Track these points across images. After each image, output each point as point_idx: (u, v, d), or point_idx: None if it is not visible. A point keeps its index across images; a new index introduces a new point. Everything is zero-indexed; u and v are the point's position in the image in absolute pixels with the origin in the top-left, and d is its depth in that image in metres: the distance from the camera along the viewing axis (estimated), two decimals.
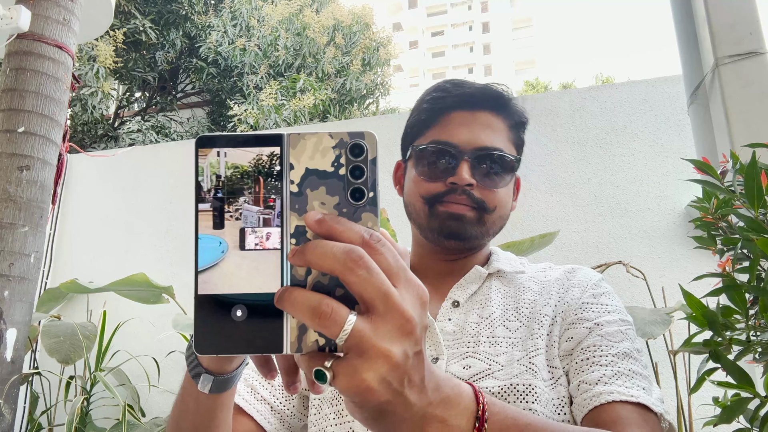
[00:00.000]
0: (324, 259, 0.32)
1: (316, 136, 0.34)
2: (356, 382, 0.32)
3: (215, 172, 0.35)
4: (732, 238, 0.78)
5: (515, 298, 0.76)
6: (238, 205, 0.34)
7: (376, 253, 0.33)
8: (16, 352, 1.86)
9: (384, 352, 0.32)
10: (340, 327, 0.32)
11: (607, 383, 0.61)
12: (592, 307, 0.72)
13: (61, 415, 2.45)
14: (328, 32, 6.60)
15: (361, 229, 0.34)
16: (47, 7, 2.03)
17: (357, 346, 0.32)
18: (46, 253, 2.88)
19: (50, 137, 2.00)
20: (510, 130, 0.80)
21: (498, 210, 0.77)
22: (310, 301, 0.32)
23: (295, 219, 0.34)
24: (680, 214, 2.15)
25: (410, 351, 0.34)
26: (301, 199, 0.34)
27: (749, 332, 0.72)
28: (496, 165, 0.76)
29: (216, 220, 0.34)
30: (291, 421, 0.75)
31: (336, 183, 0.34)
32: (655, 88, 2.32)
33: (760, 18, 1.40)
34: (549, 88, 18.12)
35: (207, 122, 7.20)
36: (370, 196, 0.35)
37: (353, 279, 0.32)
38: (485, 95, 0.78)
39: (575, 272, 0.78)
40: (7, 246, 1.85)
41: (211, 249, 0.34)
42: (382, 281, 0.33)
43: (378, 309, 0.33)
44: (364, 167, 0.34)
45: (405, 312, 0.33)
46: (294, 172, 0.34)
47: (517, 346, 0.69)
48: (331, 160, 0.34)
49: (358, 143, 0.34)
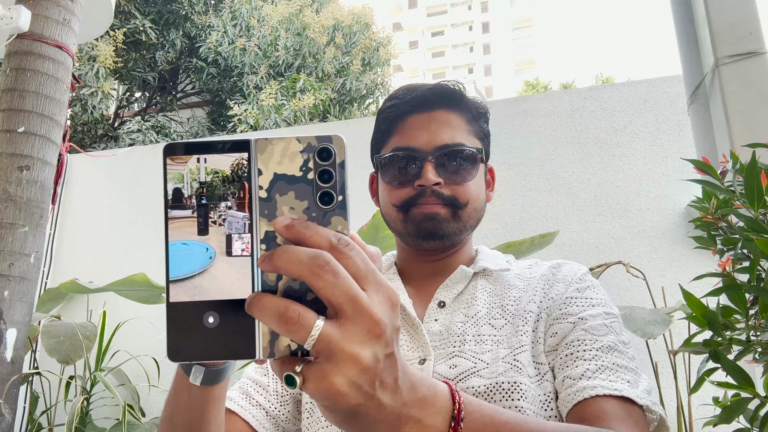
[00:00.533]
0: (291, 265, 0.32)
1: (284, 140, 0.34)
2: (325, 386, 0.33)
3: (194, 179, 0.35)
4: (732, 238, 0.78)
5: (500, 296, 0.76)
6: (223, 213, 0.34)
7: (345, 257, 0.33)
8: (16, 352, 1.86)
9: (352, 356, 0.32)
10: (308, 332, 0.32)
11: (591, 378, 0.61)
12: (577, 302, 0.71)
13: (61, 415, 2.45)
14: (328, 32, 6.60)
15: (329, 233, 0.34)
16: (47, 7, 2.03)
17: (325, 350, 0.32)
18: (46, 253, 2.88)
19: (50, 137, 2.00)
20: (469, 123, 0.80)
21: (471, 203, 0.77)
22: (277, 307, 0.32)
23: (265, 224, 0.34)
24: (680, 214, 2.16)
25: (381, 353, 0.34)
26: (270, 205, 0.34)
27: (749, 332, 0.72)
28: (460, 160, 0.77)
29: (201, 226, 0.34)
30: (286, 425, 0.75)
31: (305, 187, 0.34)
32: (655, 88, 2.32)
33: (760, 18, 1.40)
34: (549, 88, 18.12)
35: (207, 122, 7.20)
36: (339, 199, 0.35)
37: (320, 284, 0.32)
38: (438, 94, 0.79)
39: (560, 267, 0.78)
40: (7, 246, 1.85)
41: (198, 254, 0.34)
42: (350, 285, 0.33)
43: (346, 313, 0.33)
44: (332, 171, 0.34)
45: (374, 315, 0.33)
46: (262, 178, 0.34)
47: (503, 343, 0.69)
48: (300, 164, 0.34)
49: (326, 147, 0.34)
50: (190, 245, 0.34)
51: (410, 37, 42.95)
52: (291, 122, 5.49)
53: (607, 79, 15.70)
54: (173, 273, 0.34)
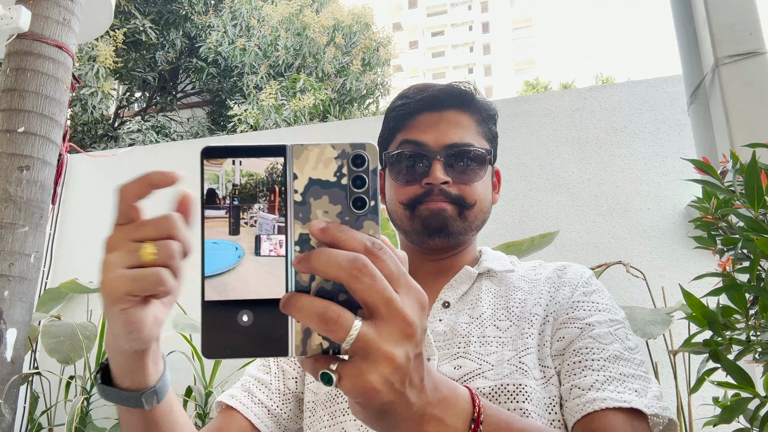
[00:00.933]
0: (329, 267, 0.34)
1: (319, 146, 0.35)
2: (361, 383, 0.34)
3: (229, 180, 0.36)
4: (732, 238, 0.78)
5: (505, 297, 0.76)
6: (254, 215, 0.36)
7: (378, 260, 0.35)
8: (16, 352, 1.86)
9: (388, 355, 0.34)
10: (347, 332, 0.33)
11: (599, 389, 0.61)
12: (583, 305, 0.72)
13: (61, 415, 2.45)
14: (328, 32, 6.60)
15: (364, 237, 0.35)
16: (47, 7, 2.03)
17: (362, 349, 0.34)
18: (46, 253, 2.88)
19: (50, 137, 2.00)
20: (479, 124, 0.81)
21: (478, 204, 0.78)
22: (316, 307, 0.34)
23: (299, 227, 0.35)
24: (680, 214, 2.16)
25: (411, 353, 0.35)
26: (305, 208, 0.35)
27: (749, 332, 0.72)
28: (469, 160, 0.77)
29: (233, 226, 0.36)
30: (287, 423, 0.75)
31: (338, 192, 0.36)
32: (655, 88, 2.32)
33: (760, 18, 1.40)
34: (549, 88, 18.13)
35: (207, 122, 7.20)
36: (371, 204, 0.36)
37: (358, 286, 0.33)
38: (449, 95, 0.79)
39: (565, 270, 0.78)
40: (7, 246, 1.85)
41: (227, 253, 0.35)
42: (385, 287, 0.34)
43: (381, 314, 0.34)
44: (365, 177, 0.36)
45: (407, 316, 0.34)
46: (297, 182, 0.35)
47: (508, 345, 0.69)
48: (334, 170, 0.36)
49: (360, 154, 0.36)
50: (220, 244, 0.35)
51: (410, 37, 42.96)
52: (291, 122, 5.49)
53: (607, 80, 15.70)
54: (218, 269, 0.35)
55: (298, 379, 0.78)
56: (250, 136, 3.21)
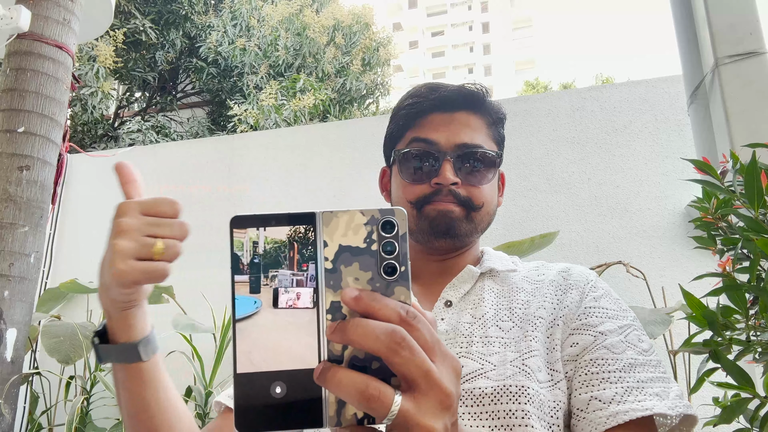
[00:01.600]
0: (367, 340, 0.33)
1: (348, 213, 0.36)
2: None
3: (253, 246, 0.36)
4: (732, 238, 0.78)
5: (508, 298, 0.76)
6: (275, 273, 0.36)
7: (414, 329, 0.34)
8: (16, 352, 1.86)
9: (428, 429, 0.34)
10: (388, 408, 0.33)
11: (620, 402, 0.62)
12: (595, 312, 0.71)
13: (61, 415, 2.45)
14: (328, 32, 6.60)
15: (398, 306, 0.35)
16: (47, 7, 2.03)
17: (402, 424, 0.34)
18: (46, 253, 2.88)
19: (50, 137, 2.00)
20: (489, 127, 0.81)
21: (485, 206, 0.78)
22: (356, 383, 0.33)
23: (331, 295, 0.35)
24: (680, 214, 2.15)
25: (449, 422, 0.35)
26: (336, 276, 0.35)
27: (749, 332, 0.72)
28: (478, 162, 0.77)
29: (253, 285, 0.36)
30: None
31: (368, 259, 0.35)
32: (655, 88, 2.32)
33: (760, 18, 1.40)
34: (549, 88, 18.12)
35: (207, 122, 7.19)
36: (402, 270, 0.36)
37: (397, 360, 0.33)
38: (461, 96, 0.79)
39: (570, 272, 0.78)
40: (7, 246, 1.85)
41: (246, 305, 0.36)
42: (423, 360, 0.34)
43: (420, 387, 0.34)
44: (395, 243, 0.36)
45: (445, 388, 0.34)
46: (328, 249, 0.36)
47: (510, 347, 0.69)
48: (363, 236, 0.36)
49: (389, 220, 0.36)
50: (239, 299, 0.36)
51: (410, 37, 42.94)
52: (291, 122, 5.49)
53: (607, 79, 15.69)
54: (238, 316, 0.36)
55: None
56: (250, 136, 3.21)
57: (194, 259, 2.79)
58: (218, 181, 2.88)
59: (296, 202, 2.70)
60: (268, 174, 2.80)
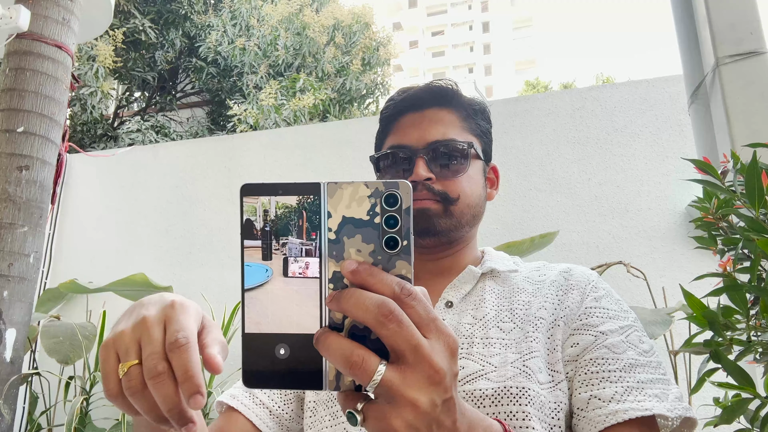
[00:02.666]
0: (357, 310, 0.34)
1: (353, 185, 0.36)
2: (384, 426, 0.35)
3: (265, 211, 0.37)
4: (733, 238, 0.78)
5: (509, 299, 0.76)
6: (285, 240, 0.37)
7: (407, 306, 0.35)
8: (16, 353, 1.86)
9: (411, 401, 0.34)
10: (370, 376, 0.34)
11: (620, 401, 0.62)
12: (596, 312, 0.71)
13: (60, 415, 2.45)
14: (328, 32, 6.60)
15: (393, 282, 0.35)
16: (47, 7, 2.03)
17: (386, 393, 0.35)
18: (46, 253, 2.88)
19: (49, 137, 2.00)
20: (463, 120, 0.82)
21: (463, 199, 0.77)
22: (342, 349, 0.34)
23: (333, 265, 0.36)
24: (681, 214, 2.15)
25: (438, 399, 0.36)
26: (339, 246, 0.36)
27: (750, 332, 0.72)
28: (451, 155, 0.78)
29: (265, 252, 0.37)
30: (289, 424, 0.75)
31: (371, 231, 0.36)
32: (656, 87, 2.31)
33: (760, 18, 1.39)
34: (549, 88, 18.12)
35: (207, 122, 7.19)
36: (404, 244, 0.36)
37: (384, 332, 0.34)
38: (429, 93, 0.81)
39: (571, 273, 0.78)
40: (7, 246, 1.84)
41: (257, 273, 0.37)
42: (412, 334, 0.34)
43: (408, 360, 0.35)
44: (398, 217, 0.36)
45: (434, 363, 0.35)
46: (332, 220, 0.36)
47: (511, 348, 0.69)
48: (367, 209, 0.36)
49: (393, 193, 0.36)
50: (253, 266, 0.37)
51: (410, 36, 42.94)
52: (291, 122, 5.49)
53: (607, 79, 15.69)
54: (248, 285, 0.37)
55: None
56: (250, 135, 3.21)
57: (194, 259, 2.80)
58: (218, 181, 2.87)
59: None
60: (267, 174, 2.80)
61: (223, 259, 2.73)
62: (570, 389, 0.67)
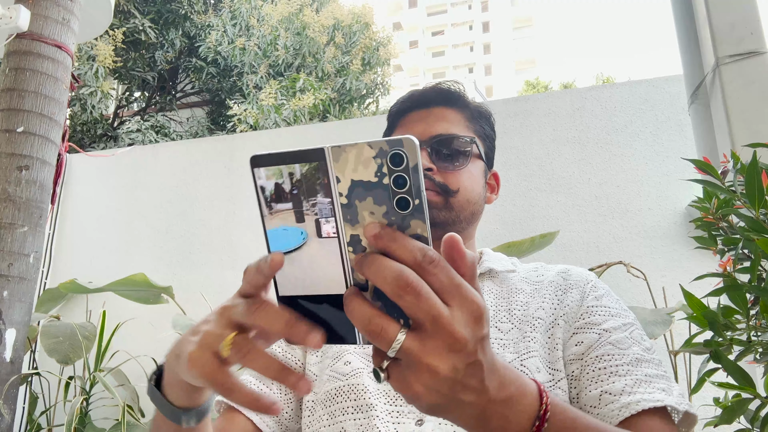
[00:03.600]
0: (377, 278, 0.35)
1: (356, 147, 0.35)
2: (405, 387, 0.36)
3: (290, 173, 0.37)
4: (733, 238, 0.78)
5: (507, 299, 0.76)
6: (314, 200, 0.37)
7: (429, 274, 0.35)
8: (16, 353, 1.85)
9: (431, 367, 0.35)
10: (389, 344, 0.35)
11: (631, 393, 0.62)
12: (598, 310, 0.72)
13: (60, 415, 2.45)
14: (328, 32, 6.59)
15: (416, 248, 0.35)
16: (46, 7, 2.03)
17: (406, 359, 0.36)
18: (46, 253, 2.88)
19: (49, 137, 1.99)
20: (468, 120, 0.84)
21: (462, 192, 0.78)
22: (363, 316, 0.35)
23: (349, 228, 0.36)
24: (681, 214, 2.15)
25: (461, 364, 0.36)
26: (352, 210, 0.36)
27: (750, 332, 0.72)
28: (453, 148, 0.80)
29: (298, 215, 0.37)
30: (288, 423, 0.75)
31: (381, 193, 0.35)
32: (656, 87, 2.31)
33: (760, 18, 1.39)
34: (549, 87, 18.11)
35: (206, 122, 7.19)
36: (416, 203, 0.35)
37: (402, 303, 0.34)
38: (437, 92, 0.84)
39: (569, 273, 0.79)
40: (6, 246, 1.84)
41: (293, 236, 0.38)
42: (431, 305, 0.34)
43: (427, 329, 0.35)
44: (405, 176, 0.35)
45: (454, 332, 0.35)
46: (341, 185, 0.36)
47: (509, 347, 0.70)
48: (374, 170, 0.35)
49: (398, 152, 0.35)
50: (288, 230, 0.38)
51: (410, 36, 42.92)
52: (291, 122, 5.48)
53: (607, 79, 15.68)
54: (285, 248, 0.38)
55: None
56: (250, 135, 3.20)
57: (194, 259, 2.80)
58: (218, 181, 2.87)
59: None
60: None
61: (223, 259, 2.73)
62: (576, 388, 0.67)
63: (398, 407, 0.67)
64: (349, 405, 0.68)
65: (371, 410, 0.67)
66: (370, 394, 0.68)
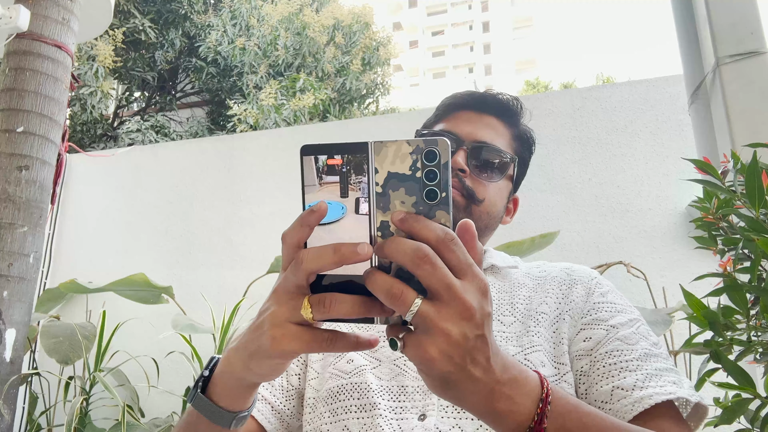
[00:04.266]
0: (397, 254, 0.39)
1: (396, 143, 0.40)
2: (420, 352, 0.40)
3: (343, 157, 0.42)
4: (733, 238, 0.78)
5: (510, 293, 0.77)
6: (360, 180, 0.41)
7: (448, 250, 0.39)
8: (16, 353, 1.85)
9: (444, 331, 0.39)
10: (408, 307, 0.39)
11: (643, 387, 0.62)
12: (605, 306, 0.72)
13: (60, 415, 2.45)
14: (328, 32, 6.59)
15: (437, 229, 0.40)
16: (46, 7, 2.03)
17: (422, 324, 0.39)
18: (46, 253, 2.88)
19: (49, 137, 1.99)
20: (513, 139, 0.85)
21: (486, 204, 0.79)
22: (385, 283, 0.39)
23: (380, 215, 0.41)
24: (681, 214, 2.15)
25: (470, 333, 0.40)
26: (385, 199, 0.41)
27: (750, 332, 0.72)
28: (491, 160, 0.80)
29: (343, 189, 0.41)
30: (290, 420, 0.75)
31: (413, 185, 0.40)
32: (656, 87, 2.31)
33: (760, 17, 1.39)
34: (549, 87, 18.11)
35: (206, 122, 7.19)
36: (443, 196, 0.40)
37: (420, 272, 0.39)
38: (494, 100, 0.85)
39: (573, 269, 0.80)
40: (6, 246, 1.84)
41: (334, 210, 0.42)
42: (445, 275, 0.39)
43: (442, 297, 0.39)
44: (437, 171, 0.40)
45: (465, 301, 0.39)
46: (378, 176, 0.41)
47: (512, 341, 0.70)
48: (409, 164, 0.40)
49: (432, 150, 0.40)
50: (332, 204, 0.42)
51: (410, 36, 42.92)
52: (291, 122, 5.48)
53: (607, 79, 15.68)
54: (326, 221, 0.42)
55: (301, 375, 0.78)
56: (250, 135, 3.20)
57: (194, 259, 2.80)
58: (218, 181, 2.87)
59: (295, 202, 2.69)
60: (267, 174, 2.80)
61: (223, 259, 2.73)
62: (585, 384, 0.67)
63: (401, 403, 0.67)
64: (352, 404, 0.69)
65: (374, 409, 0.67)
66: (373, 393, 0.68)
